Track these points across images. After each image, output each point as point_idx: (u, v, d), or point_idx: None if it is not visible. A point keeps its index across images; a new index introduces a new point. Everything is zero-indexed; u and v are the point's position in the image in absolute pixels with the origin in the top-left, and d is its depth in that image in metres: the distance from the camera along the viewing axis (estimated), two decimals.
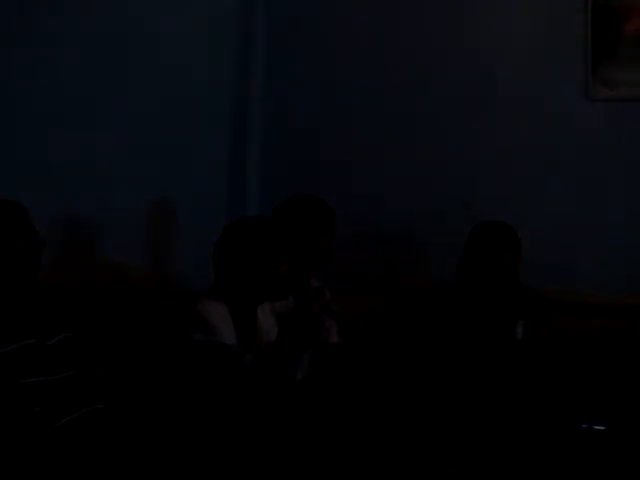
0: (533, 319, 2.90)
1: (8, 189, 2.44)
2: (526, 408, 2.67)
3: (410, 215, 3.66)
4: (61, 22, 2.95)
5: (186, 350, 2.42)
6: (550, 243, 3.48)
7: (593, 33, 3.53)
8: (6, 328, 2.24)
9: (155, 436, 2.35)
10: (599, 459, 2.45)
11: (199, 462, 2.29)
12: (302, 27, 3.88)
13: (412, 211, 3.66)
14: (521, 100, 3.61)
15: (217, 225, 2.78)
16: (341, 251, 3.03)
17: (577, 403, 2.75)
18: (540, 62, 3.60)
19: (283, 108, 3.89)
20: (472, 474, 2.40)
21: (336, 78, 3.82)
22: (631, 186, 3.48)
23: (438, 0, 3.73)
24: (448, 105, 3.69)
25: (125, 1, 3.20)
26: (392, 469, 2.39)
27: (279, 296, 2.62)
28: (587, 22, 3.53)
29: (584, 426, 2.54)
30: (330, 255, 2.92)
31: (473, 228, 3.06)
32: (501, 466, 2.44)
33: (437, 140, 3.70)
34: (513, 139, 3.60)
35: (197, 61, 3.51)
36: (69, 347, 2.39)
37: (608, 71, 3.53)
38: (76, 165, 2.94)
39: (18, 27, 2.81)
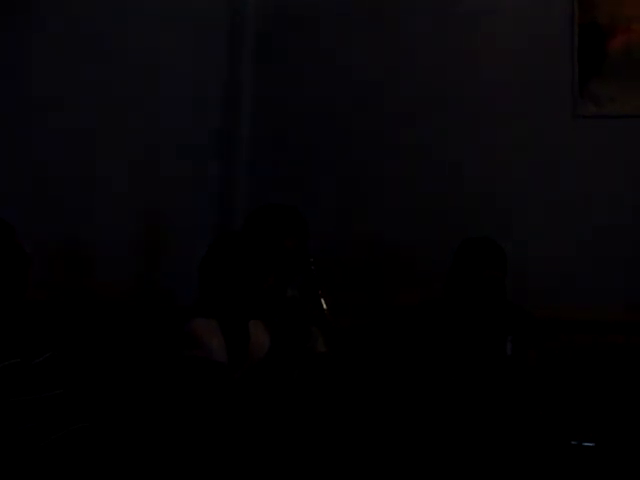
0: (522, 335, 2.89)
1: None
2: (516, 424, 2.66)
3: (398, 232, 3.65)
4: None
5: (176, 368, 2.41)
6: (543, 260, 3.48)
7: (580, 50, 3.56)
8: None
9: (144, 454, 2.34)
10: (589, 476, 2.44)
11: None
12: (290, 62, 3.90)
13: (400, 228, 3.66)
14: (508, 117, 3.62)
15: (204, 241, 2.77)
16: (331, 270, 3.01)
17: (567, 419, 2.74)
18: (527, 80, 3.61)
19: (273, 131, 3.89)
20: None
21: (333, 104, 3.82)
22: (619, 202, 3.49)
23: (424, 21, 3.74)
24: (435, 127, 3.70)
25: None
26: None
27: (267, 312, 2.61)
28: (574, 39, 3.56)
29: (574, 442, 2.54)
30: (302, 261, 2.76)
31: (459, 244, 3.06)
32: None
33: (425, 159, 3.70)
34: (502, 156, 3.61)
35: (188, 85, 3.54)
36: (55, 366, 2.37)
37: (595, 88, 3.55)
38: (60, 183, 2.93)
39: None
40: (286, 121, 3.87)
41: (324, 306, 2.64)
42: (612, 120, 3.53)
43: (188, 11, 3.53)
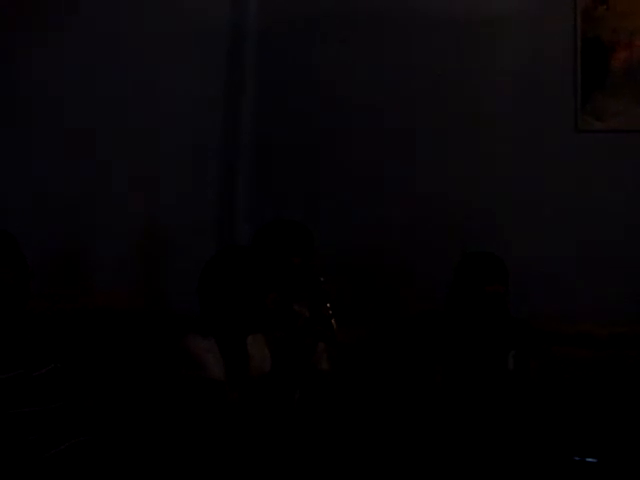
0: (524, 349, 2.89)
1: None
2: (519, 439, 2.65)
3: (400, 244, 3.65)
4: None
5: (174, 386, 2.39)
6: (543, 274, 3.47)
7: (582, 65, 3.57)
8: None
9: (144, 468, 2.32)
10: None
11: None
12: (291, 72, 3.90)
13: (402, 240, 3.65)
14: (511, 132, 3.62)
15: (205, 249, 2.76)
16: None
17: (570, 435, 2.73)
18: (530, 94, 3.62)
19: (275, 140, 3.88)
20: None
21: (331, 107, 3.82)
22: (622, 217, 3.49)
23: (427, 38, 3.74)
24: (436, 139, 3.70)
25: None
26: None
27: (269, 327, 2.59)
28: (577, 54, 3.57)
29: (576, 458, 2.53)
30: (309, 277, 2.81)
31: (461, 258, 3.06)
32: None
33: (425, 171, 3.70)
34: (504, 170, 3.61)
35: (186, 93, 3.53)
36: (57, 378, 2.36)
37: (598, 103, 3.56)
38: (61, 193, 2.93)
39: None
40: (287, 122, 3.87)
41: (334, 326, 2.64)
42: (615, 135, 3.54)
43: (188, 11, 3.53)
